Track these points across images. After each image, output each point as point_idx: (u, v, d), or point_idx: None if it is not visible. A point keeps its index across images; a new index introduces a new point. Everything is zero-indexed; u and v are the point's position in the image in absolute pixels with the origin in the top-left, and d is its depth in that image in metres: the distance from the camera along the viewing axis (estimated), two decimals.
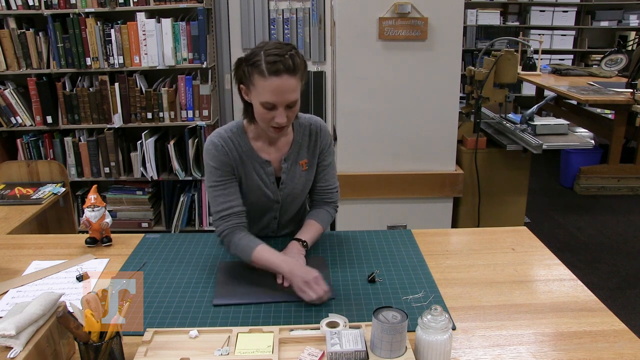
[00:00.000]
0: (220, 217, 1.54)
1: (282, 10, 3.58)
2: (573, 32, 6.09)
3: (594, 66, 5.40)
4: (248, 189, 1.61)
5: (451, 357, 1.16)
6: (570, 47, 6.12)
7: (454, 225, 3.10)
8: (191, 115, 3.40)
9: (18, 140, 3.44)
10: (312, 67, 3.68)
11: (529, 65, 4.94)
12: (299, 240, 1.58)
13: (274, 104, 1.41)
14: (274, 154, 1.61)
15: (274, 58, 1.38)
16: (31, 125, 3.40)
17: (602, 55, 5.02)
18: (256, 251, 1.48)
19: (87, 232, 1.74)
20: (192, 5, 3.25)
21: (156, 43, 3.25)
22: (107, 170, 3.48)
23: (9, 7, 3.23)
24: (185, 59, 3.31)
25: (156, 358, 1.15)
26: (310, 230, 1.63)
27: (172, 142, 3.40)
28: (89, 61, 3.30)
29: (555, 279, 1.52)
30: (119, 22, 3.25)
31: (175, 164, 3.42)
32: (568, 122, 3.20)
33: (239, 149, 1.56)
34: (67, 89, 3.35)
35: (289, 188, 1.64)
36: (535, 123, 3.08)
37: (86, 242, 1.73)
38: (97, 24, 3.23)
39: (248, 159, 1.58)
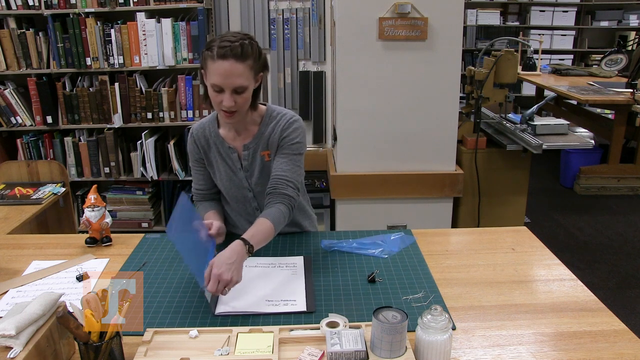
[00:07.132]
0: (192, 191, 1.82)
1: (282, 10, 3.57)
2: (573, 32, 6.08)
3: (594, 66, 5.40)
4: (220, 173, 1.72)
5: (451, 357, 1.16)
6: (570, 47, 6.12)
7: (454, 225, 3.10)
8: (191, 115, 3.40)
9: (18, 140, 3.44)
10: (312, 67, 3.68)
11: (529, 65, 4.95)
12: (244, 241, 1.41)
13: (220, 86, 1.49)
14: (239, 142, 1.69)
15: (226, 44, 1.47)
16: (31, 125, 3.40)
17: (602, 55, 5.02)
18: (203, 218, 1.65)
19: (87, 232, 1.74)
20: (192, 5, 3.25)
21: (156, 43, 3.25)
22: (107, 170, 3.48)
23: (9, 7, 3.23)
24: (185, 59, 3.31)
25: (156, 358, 1.15)
26: (258, 231, 1.48)
27: (172, 142, 3.40)
28: (89, 61, 3.30)
29: (555, 279, 1.52)
30: (119, 22, 3.25)
31: (175, 164, 3.41)
32: (568, 122, 3.20)
33: (208, 136, 1.71)
34: (67, 89, 3.35)
35: (254, 176, 1.70)
36: (535, 123, 3.08)
37: (86, 242, 1.73)
38: (97, 24, 3.23)
39: (215, 145, 1.70)
